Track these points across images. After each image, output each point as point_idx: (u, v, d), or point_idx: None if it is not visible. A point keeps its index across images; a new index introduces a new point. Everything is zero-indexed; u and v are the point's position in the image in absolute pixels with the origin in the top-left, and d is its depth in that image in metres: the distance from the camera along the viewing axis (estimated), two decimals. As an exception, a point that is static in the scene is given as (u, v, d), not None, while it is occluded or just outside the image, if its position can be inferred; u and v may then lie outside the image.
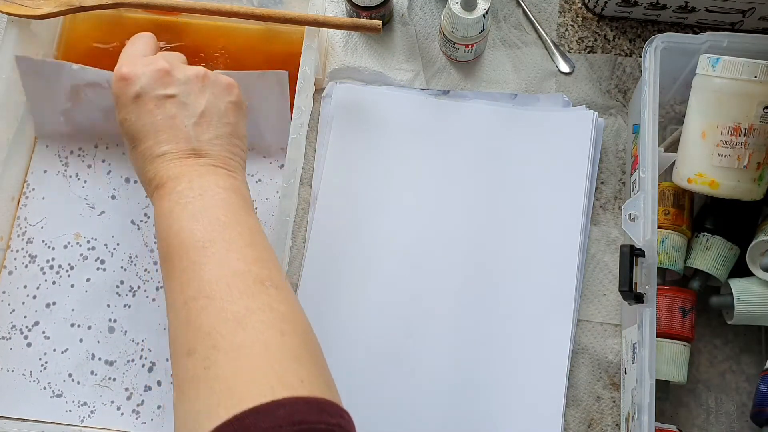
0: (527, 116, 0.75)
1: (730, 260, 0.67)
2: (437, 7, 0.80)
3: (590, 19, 0.79)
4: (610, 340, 0.70)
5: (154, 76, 0.56)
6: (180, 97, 0.56)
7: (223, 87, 0.58)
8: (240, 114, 0.58)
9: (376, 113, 0.76)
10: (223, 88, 0.58)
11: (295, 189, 0.68)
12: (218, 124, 0.56)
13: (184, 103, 0.55)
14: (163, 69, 0.56)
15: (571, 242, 0.71)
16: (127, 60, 0.58)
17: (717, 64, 0.62)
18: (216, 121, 0.56)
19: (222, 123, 0.57)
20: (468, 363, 0.69)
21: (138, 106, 0.55)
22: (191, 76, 0.57)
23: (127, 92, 0.55)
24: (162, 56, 0.59)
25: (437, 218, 0.73)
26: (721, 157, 0.62)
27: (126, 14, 0.77)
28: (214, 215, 0.51)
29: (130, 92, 0.55)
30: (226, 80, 0.59)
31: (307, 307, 0.71)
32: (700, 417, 0.69)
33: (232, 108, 0.58)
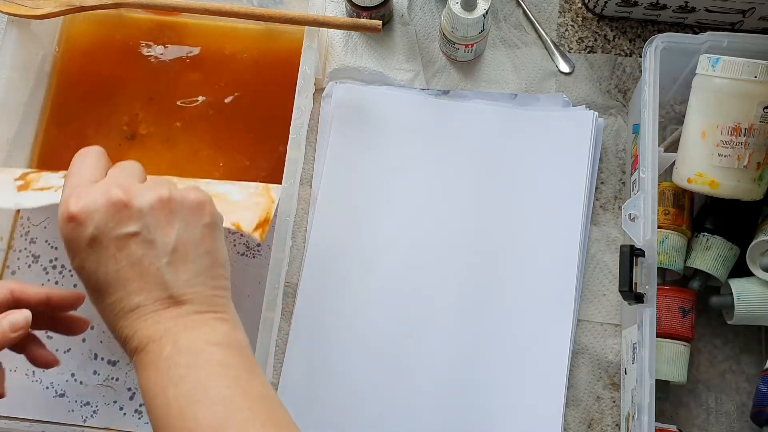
0: (527, 116, 0.75)
1: (730, 260, 0.67)
2: (437, 7, 0.80)
3: (590, 19, 0.79)
4: (610, 340, 0.70)
5: (109, 211, 0.46)
6: (144, 233, 0.46)
7: (194, 208, 0.48)
8: (217, 236, 0.49)
9: (376, 113, 0.76)
10: (193, 210, 0.48)
11: (295, 189, 0.68)
12: (195, 257, 0.47)
13: (151, 241, 0.46)
14: (119, 201, 0.46)
15: (571, 242, 0.71)
16: (74, 192, 0.47)
17: (717, 64, 0.62)
18: (192, 255, 0.47)
19: (199, 255, 0.47)
20: (468, 363, 0.69)
21: (96, 251, 0.46)
22: (154, 204, 0.47)
23: (79, 236, 0.46)
24: (115, 180, 0.48)
25: (437, 218, 0.73)
26: (721, 157, 0.62)
27: (126, 14, 0.77)
28: (217, 391, 0.44)
29: (84, 236, 0.46)
30: (195, 198, 0.48)
31: (307, 307, 0.71)
32: (700, 417, 0.69)
33: (208, 232, 0.48)
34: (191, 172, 0.74)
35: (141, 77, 0.76)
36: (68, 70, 0.77)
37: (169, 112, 0.75)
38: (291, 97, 0.68)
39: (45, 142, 0.75)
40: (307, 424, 0.68)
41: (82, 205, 0.46)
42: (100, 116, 0.75)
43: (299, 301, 0.71)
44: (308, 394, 0.69)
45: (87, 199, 0.46)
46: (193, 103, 0.75)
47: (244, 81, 0.76)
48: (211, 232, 0.48)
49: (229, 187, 0.63)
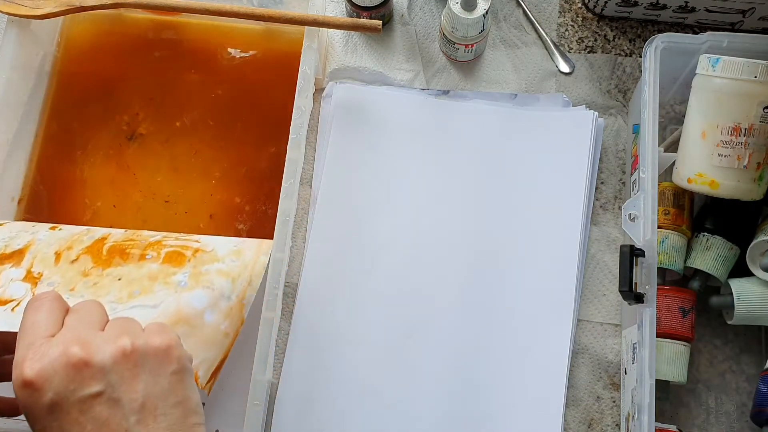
0: (527, 116, 0.75)
1: (730, 260, 0.67)
2: (437, 7, 0.80)
3: (590, 19, 0.79)
4: (610, 340, 0.70)
5: (68, 373, 0.42)
6: (108, 392, 0.42)
7: (160, 356, 0.44)
8: (188, 382, 0.45)
9: (376, 113, 0.76)
10: (159, 358, 0.44)
11: (295, 189, 0.68)
12: (165, 409, 0.43)
13: (116, 399, 0.42)
14: (79, 360, 0.42)
15: (571, 242, 0.71)
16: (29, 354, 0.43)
17: (717, 64, 0.62)
18: (162, 408, 0.43)
19: (170, 406, 0.44)
20: (468, 363, 0.69)
21: (57, 417, 0.41)
22: (117, 358, 0.43)
23: (37, 402, 0.41)
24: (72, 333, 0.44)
25: (437, 218, 0.73)
26: (721, 157, 0.62)
27: (126, 14, 0.77)
28: None
29: (43, 402, 0.41)
30: (160, 344, 0.44)
31: (307, 307, 0.71)
32: (700, 417, 0.69)
33: (177, 380, 0.44)
34: (191, 172, 0.74)
35: (141, 77, 0.76)
36: (68, 70, 0.77)
37: (169, 112, 0.75)
38: (291, 97, 0.68)
39: (45, 142, 0.75)
40: (307, 424, 0.68)
41: (38, 368, 0.41)
42: (100, 116, 0.76)
43: (299, 301, 0.71)
44: (308, 394, 0.69)
45: (43, 362, 0.42)
46: (193, 103, 0.75)
47: (244, 81, 0.76)
48: (180, 380, 0.44)
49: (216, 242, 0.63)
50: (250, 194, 0.73)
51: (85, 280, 0.61)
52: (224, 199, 0.73)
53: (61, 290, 0.60)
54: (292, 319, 0.71)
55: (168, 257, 0.62)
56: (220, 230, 0.72)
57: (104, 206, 0.73)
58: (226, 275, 0.60)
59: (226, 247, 0.62)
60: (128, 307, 0.58)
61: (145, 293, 0.59)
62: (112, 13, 0.76)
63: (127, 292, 0.60)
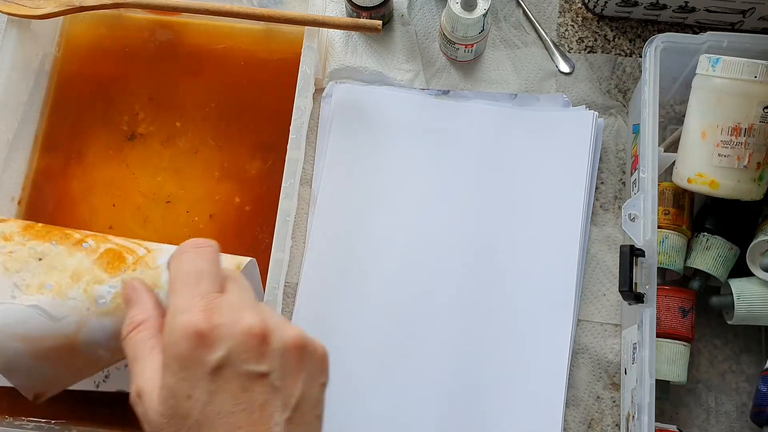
0: (527, 116, 0.75)
1: (730, 260, 0.67)
2: (437, 7, 0.80)
3: (590, 19, 0.79)
4: (610, 340, 0.70)
5: (245, 342, 0.39)
6: (273, 377, 0.39)
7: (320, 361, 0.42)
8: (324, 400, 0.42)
9: (376, 113, 0.76)
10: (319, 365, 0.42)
11: (295, 189, 0.68)
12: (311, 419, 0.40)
13: (277, 388, 0.39)
14: (259, 331, 0.39)
15: (571, 242, 0.71)
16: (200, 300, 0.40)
17: (717, 64, 0.62)
18: (308, 416, 0.40)
19: (314, 417, 0.41)
20: (468, 363, 0.69)
21: (216, 382, 0.38)
22: (290, 346, 0.40)
23: (202, 359, 0.38)
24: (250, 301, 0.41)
25: (437, 218, 0.73)
26: (721, 157, 0.62)
27: (126, 14, 0.77)
28: None
29: (208, 360, 0.38)
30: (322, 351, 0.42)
31: (307, 307, 0.71)
32: (700, 417, 0.69)
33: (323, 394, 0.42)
34: (191, 172, 0.74)
35: (141, 77, 0.76)
36: (68, 70, 0.77)
37: (169, 112, 0.75)
38: (291, 97, 0.68)
39: (45, 142, 0.75)
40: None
41: (217, 323, 0.39)
42: (99, 116, 0.76)
43: (299, 301, 0.71)
44: (308, 394, 0.69)
45: (222, 318, 0.39)
46: (193, 103, 0.75)
47: (244, 81, 0.76)
48: (324, 394, 0.42)
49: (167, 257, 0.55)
50: (250, 194, 0.73)
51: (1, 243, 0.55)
52: (224, 199, 0.73)
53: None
54: (292, 319, 0.71)
55: (107, 254, 0.54)
56: (220, 230, 0.72)
57: (104, 206, 0.73)
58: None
59: None
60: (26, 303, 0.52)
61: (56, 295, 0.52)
62: (112, 13, 0.76)
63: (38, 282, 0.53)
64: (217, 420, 0.37)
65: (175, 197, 0.73)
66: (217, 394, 0.38)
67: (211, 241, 0.44)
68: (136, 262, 0.54)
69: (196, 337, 0.38)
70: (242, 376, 0.38)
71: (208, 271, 0.42)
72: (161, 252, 0.55)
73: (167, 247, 0.56)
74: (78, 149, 0.75)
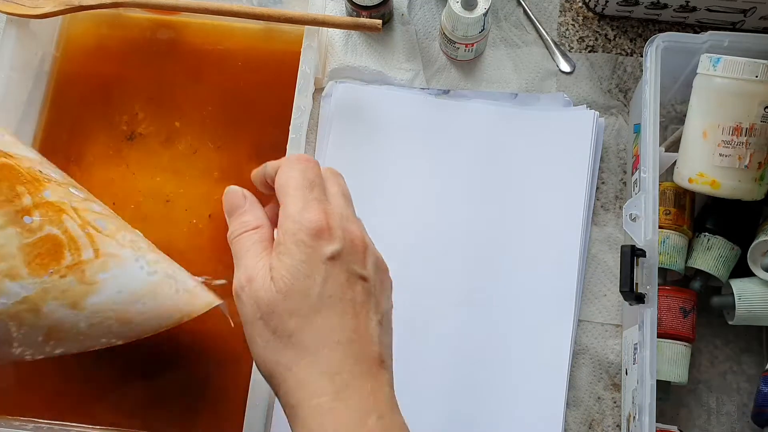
0: (528, 116, 0.75)
1: (731, 260, 0.66)
2: (437, 6, 0.79)
3: (591, 18, 0.79)
4: (610, 341, 0.70)
5: (352, 247, 0.46)
6: (371, 284, 0.46)
7: (391, 290, 0.50)
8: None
9: (376, 113, 0.76)
10: (390, 292, 0.50)
11: (295, 189, 0.68)
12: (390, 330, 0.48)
13: (373, 294, 0.46)
14: (362, 243, 0.47)
15: (572, 242, 0.71)
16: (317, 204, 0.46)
17: (718, 63, 0.62)
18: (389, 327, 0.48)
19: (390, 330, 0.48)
20: (468, 363, 0.69)
21: (332, 268, 0.45)
22: (380, 265, 0.48)
23: (321, 249, 0.45)
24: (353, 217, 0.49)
25: (437, 218, 0.73)
26: (722, 157, 0.62)
27: (125, 14, 0.77)
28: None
29: (327, 251, 0.45)
30: (391, 280, 0.50)
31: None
32: (701, 417, 0.69)
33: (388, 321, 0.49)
34: (190, 172, 0.74)
35: (141, 77, 0.76)
36: (68, 70, 0.76)
37: (168, 111, 0.75)
38: (291, 97, 0.68)
39: (44, 142, 0.75)
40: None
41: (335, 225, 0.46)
42: (99, 116, 0.75)
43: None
44: (308, 394, 0.69)
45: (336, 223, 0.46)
46: (193, 102, 0.75)
47: (243, 81, 0.76)
48: (388, 322, 0.48)
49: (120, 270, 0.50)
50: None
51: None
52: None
53: None
54: (292, 319, 0.71)
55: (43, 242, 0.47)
56: (220, 230, 0.72)
57: (104, 206, 0.73)
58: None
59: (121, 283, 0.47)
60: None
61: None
62: (112, 12, 0.76)
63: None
64: (329, 301, 0.44)
65: (174, 197, 0.73)
66: (329, 280, 0.44)
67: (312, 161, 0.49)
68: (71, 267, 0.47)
69: (318, 230, 0.44)
70: (349, 272, 0.45)
71: (318, 181, 0.48)
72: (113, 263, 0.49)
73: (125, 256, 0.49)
74: (77, 149, 0.75)
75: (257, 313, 0.44)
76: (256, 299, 0.45)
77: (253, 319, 0.45)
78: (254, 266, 0.46)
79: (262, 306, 0.44)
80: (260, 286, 0.45)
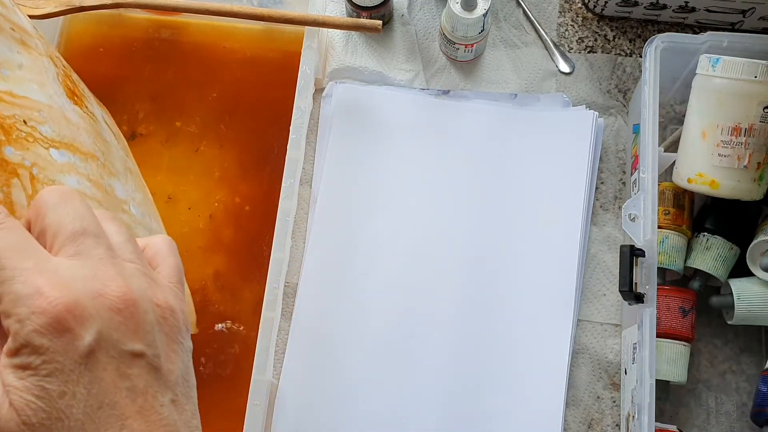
0: (527, 116, 0.75)
1: (730, 260, 0.67)
2: (437, 7, 0.79)
3: (590, 18, 0.79)
4: (610, 340, 0.70)
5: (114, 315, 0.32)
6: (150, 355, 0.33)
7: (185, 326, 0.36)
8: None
9: (376, 113, 0.76)
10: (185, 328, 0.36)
11: (295, 189, 0.68)
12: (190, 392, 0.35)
13: (156, 368, 0.33)
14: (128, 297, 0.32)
15: (572, 242, 0.71)
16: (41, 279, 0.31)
17: (717, 64, 0.62)
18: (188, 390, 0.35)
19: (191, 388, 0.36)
20: (468, 363, 0.69)
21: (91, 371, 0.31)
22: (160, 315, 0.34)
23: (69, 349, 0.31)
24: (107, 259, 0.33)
25: (437, 218, 0.73)
26: (722, 157, 0.62)
27: (126, 14, 0.77)
28: None
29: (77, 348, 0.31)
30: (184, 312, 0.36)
31: (307, 307, 0.71)
32: (701, 417, 0.69)
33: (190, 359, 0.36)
34: (191, 171, 0.74)
35: (141, 77, 0.76)
36: (68, 70, 0.76)
37: (169, 111, 0.75)
38: (291, 97, 0.68)
39: (45, 142, 0.75)
40: (307, 424, 0.68)
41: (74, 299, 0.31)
42: (100, 116, 0.76)
43: (299, 301, 0.71)
44: (308, 393, 0.69)
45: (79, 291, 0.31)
46: (193, 102, 0.75)
47: (244, 81, 0.76)
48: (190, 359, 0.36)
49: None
50: (250, 194, 0.73)
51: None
52: (224, 198, 0.73)
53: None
54: (292, 319, 0.71)
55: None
56: (220, 230, 0.72)
57: (104, 206, 0.73)
58: None
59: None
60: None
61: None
62: (112, 13, 0.76)
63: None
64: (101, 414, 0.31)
65: (175, 196, 0.73)
66: (94, 385, 0.31)
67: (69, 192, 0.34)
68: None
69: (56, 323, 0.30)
70: (117, 358, 0.32)
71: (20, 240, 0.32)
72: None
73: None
74: (78, 149, 0.75)
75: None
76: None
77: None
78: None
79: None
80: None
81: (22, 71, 0.49)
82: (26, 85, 0.49)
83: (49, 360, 0.30)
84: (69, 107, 0.53)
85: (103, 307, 0.32)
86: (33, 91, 0.49)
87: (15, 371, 0.31)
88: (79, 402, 0.31)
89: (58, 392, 0.30)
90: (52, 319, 0.30)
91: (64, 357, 0.30)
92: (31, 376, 0.30)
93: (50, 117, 0.50)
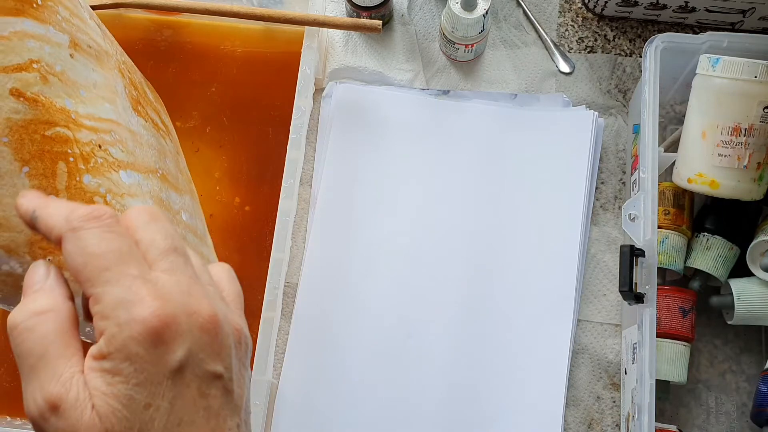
0: (527, 116, 0.75)
1: (730, 260, 0.67)
2: (437, 7, 0.80)
3: (590, 19, 0.79)
4: (610, 340, 0.70)
5: (201, 336, 0.32)
6: (226, 377, 0.33)
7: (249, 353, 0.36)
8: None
9: (376, 113, 0.76)
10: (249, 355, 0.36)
11: (295, 189, 0.68)
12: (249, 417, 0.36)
13: (229, 391, 0.33)
14: (213, 321, 0.33)
15: (572, 242, 0.71)
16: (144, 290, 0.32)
17: (717, 64, 0.62)
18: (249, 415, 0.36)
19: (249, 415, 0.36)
20: (468, 362, 0.69)
21: (176, 387, 0.31)
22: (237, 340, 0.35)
23: (161, 359, 0.31)
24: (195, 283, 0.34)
25: (437, 218, 0.73)
26: (721, 157, 0.62)
27: (126, 14, 0.77)
28: None
29: (171, 359, 0.31)
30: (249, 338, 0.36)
31: (307, 307, 0.71)
32: (701, 417, 0.69)
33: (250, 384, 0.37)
34: (191, 171, 0.74)
35: (141, 77, 0.76)
36: (68, 70, 0.76)
37: (169, 111, 0.75)
38: (291, 97, 0.68)
39: (45, 142, 0.75)
40: (307, 424, 0.68)
41: (170, 314, 0.31)
42: (100, 116, 0.75)
43: (299, 301, 0.71)
44: (308, 393, 0.69)
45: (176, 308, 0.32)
46: (193, 102, 0.76)
47: (244, 81, 0.76)
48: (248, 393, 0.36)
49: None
50: (250, 194, 0.73)
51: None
52: (224, 198, 0.73)
53: None
54: (292, 319, 0.71)
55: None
56: (220, 230, 0.72)
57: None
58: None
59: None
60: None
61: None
62: (112, 13, 0.76)
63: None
64: (180, 430, 0.31)
65: (175, 197, 0.73)
66: (177, 401, 0.31)
67: (106, 207, 0.34)
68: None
69: (154, 334, 0.31)
70: (201, 378, 0.32)
71: (127, 247, 0.33)
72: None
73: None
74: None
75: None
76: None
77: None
78: (56, 381, 0.31)
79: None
80: (76, 419, 0.30)
81: (97, 89, 0.48)
82: (100, 105, 0.48)
83: (140, 369, 0.31)
84: (134, 120, 0.53)
85: (195, 326, 0.32)
86: (106, 110, 0.49)
87: (104, 375, 0.31)
88: (162, 416, 0.31)
89: (144, 403, 0.31)
90: (150, 329, 0.31)
91: (155, 369, 0.31)
92: (121, 383, 0.31)
93: (119, 137, 0.49)
